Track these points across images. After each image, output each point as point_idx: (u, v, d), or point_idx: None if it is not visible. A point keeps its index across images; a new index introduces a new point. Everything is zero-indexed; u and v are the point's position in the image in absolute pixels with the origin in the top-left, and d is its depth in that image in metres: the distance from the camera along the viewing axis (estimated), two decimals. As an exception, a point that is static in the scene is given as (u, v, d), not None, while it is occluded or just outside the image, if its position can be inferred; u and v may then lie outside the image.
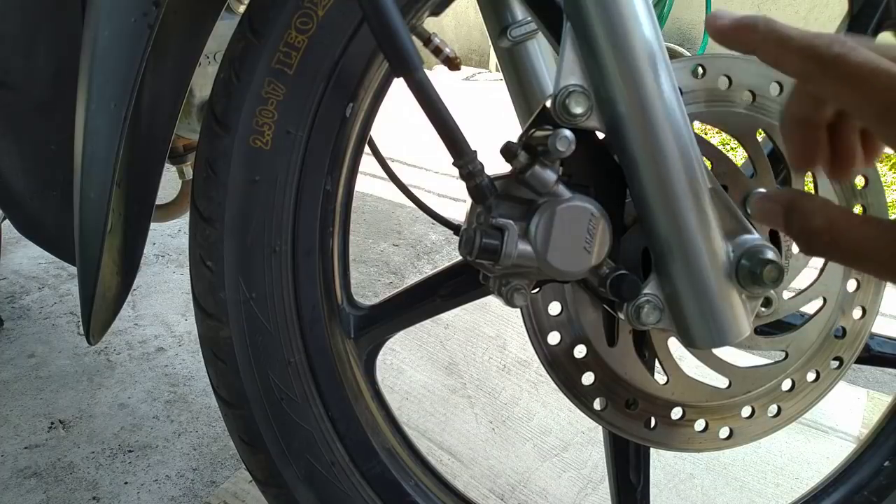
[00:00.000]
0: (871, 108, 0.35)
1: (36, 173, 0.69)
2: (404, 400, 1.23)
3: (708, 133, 2.58)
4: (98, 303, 0.59)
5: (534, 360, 1.34)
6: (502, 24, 0.82)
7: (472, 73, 4.31)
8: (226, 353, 0.61)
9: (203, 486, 1.02)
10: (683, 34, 3.91)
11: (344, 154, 0.61)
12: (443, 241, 1.89)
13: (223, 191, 0.58)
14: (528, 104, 0.85)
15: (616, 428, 0.62)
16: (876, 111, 0.34)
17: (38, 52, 0.63)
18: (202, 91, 0.88)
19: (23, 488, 1.00)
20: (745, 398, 0.63)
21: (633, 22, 0.47)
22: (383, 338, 0.69)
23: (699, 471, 1.11)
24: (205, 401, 1.20)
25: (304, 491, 0.64)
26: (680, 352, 0.59)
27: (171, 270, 1.64)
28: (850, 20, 0.64)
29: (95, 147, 0.53)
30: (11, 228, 0.77)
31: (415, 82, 0.47)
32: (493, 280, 0.52)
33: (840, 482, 0.75)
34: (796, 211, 0.39)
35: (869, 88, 0.34)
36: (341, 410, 0.64)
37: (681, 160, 0.48)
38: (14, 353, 1.29)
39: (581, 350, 0.60)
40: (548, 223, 0.49)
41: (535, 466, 1.10)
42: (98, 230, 0.55)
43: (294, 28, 0.55)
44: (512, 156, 0.49)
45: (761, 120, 0.57)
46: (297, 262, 0.60)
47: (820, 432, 1.21)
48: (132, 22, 0.50)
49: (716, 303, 0.50)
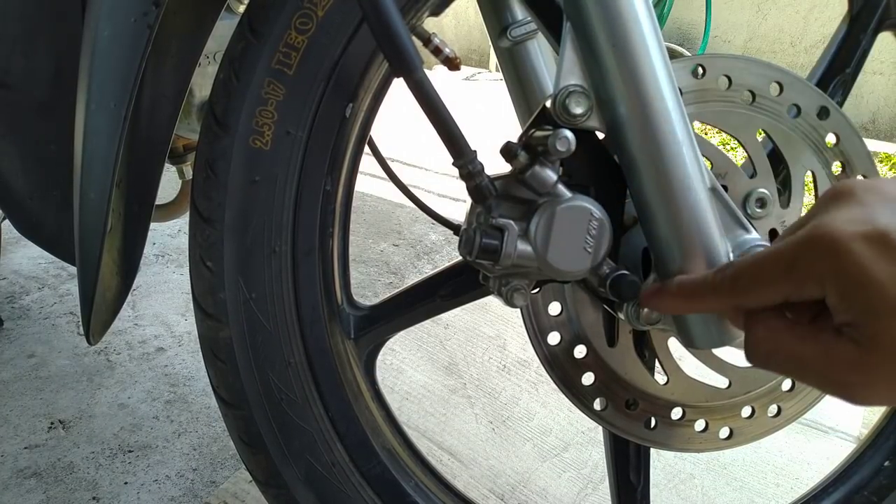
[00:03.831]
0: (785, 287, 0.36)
1: (36, 173, 0.69)
2: (404, 400, 1.23)
3: (708, 133, 2.58)
4: (98, 303, 0.59)
5: (534, 361, 1.34)
6: (502, 24, 0.82)
7: (472, 73, 4.31)
8: (226, 353, 0.61)
9: (203, 486, 1.02)
10: (683, 34, 3.91)
11: (344, 154, 0.61)
12: (443, 241, 1.89)
13: (223, 191, 0.58)
14: (528, 104, 0.85)
15: (616, 428, 0.62)
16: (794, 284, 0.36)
17: (38, 52, 0.63)
18: (202, 91, 0.88)
19: (23, 488, 0.99)
20: (745, 398, 0.63)
21: (633, 22, 0.47)
22: (383, 338, 0.69)
23: (699, 471, 1.11)
24: (205, 401, 1.20)
25: (303, 491, 0.64)
26: (680, 352, 0.59)
27: (171, 270, 1.64)
28: (850, 20, 0.64)
29: (95, 147, 0.53)
30: (11, 228, 0.77)
31: (415, 82, 0.47)
32: (493, 280, 0.52)
33: (840, 482, 0.74)
34: (749, 331, 0.39)
35: (770, 276, 0.37)
36: (341, 411, 0.64)
37: (681, 160, 0.48)
38: (14, 353, 1.29)
39: (581, 350, 0.60)
40: (548, 223, 0.49)
41: (535, 466, 1.10)
42: (98, 230, 0.55)
43: (294, 28, 0.55)
44: (512, 156, 0.49)
45: (761, 120, 0.57)
46: (297, 262, 0.60)
47: (820, 432, 1.21)
48: (132, 22, 0.50)
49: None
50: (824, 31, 3.50)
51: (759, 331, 0.38)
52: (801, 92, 0.57)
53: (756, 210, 0.56)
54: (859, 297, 0.32)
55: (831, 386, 0.35)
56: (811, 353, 0.36)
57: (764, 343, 0.38)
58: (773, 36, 3.67)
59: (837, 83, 0.66)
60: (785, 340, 0.37)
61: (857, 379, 0.34)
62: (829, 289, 0.34)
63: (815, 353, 0.35)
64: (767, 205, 0.56)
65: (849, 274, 0.33)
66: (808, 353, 0.36)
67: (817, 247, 0.34)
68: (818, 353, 0.35)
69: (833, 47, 0.66)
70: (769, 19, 3.65)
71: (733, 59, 0.56)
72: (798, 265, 0.35)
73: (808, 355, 0.36)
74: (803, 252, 0.35)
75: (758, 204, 0.56)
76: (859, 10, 0.63)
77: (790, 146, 0.58)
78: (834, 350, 0.34)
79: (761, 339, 0.38)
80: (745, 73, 0.56)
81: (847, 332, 0.34)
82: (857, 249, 0.32)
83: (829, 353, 0.35)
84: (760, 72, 0.56)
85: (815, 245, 0.34)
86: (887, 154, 3.08)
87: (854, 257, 0.32)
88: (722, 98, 0.56)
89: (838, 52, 0.66)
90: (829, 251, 0.33)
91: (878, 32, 0.65)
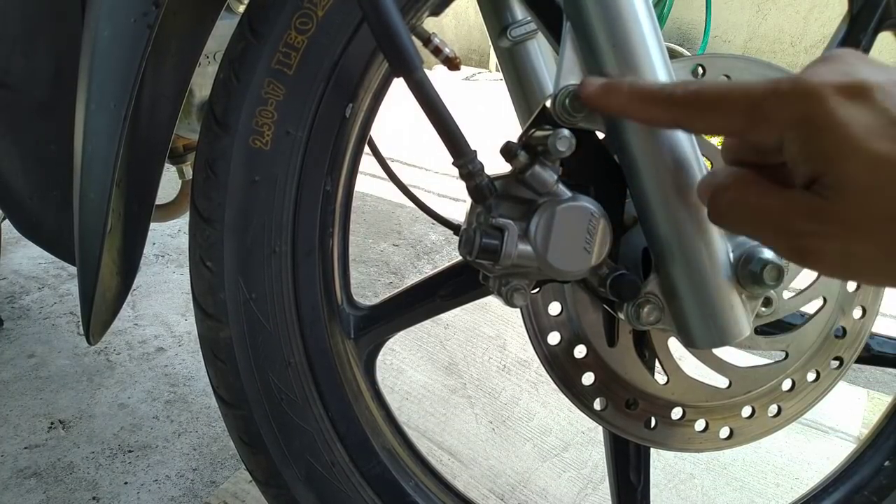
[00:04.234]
0: (741, 125, 0.35)
1: (36, 173, 0.69)
2: (404, 400, 1.23)
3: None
4: (98, 303, 0.59)
5: (534, 360, 1.34)
6: (502, 23, 0.82)
7: (472, 73, 4.31)
8: (226, 353, 0.61)
9: (203, 486, 1.02)
10: (683, 34, 3.91)
11: (344, 154, 0.61)
12: (443, 241, 1.89)
13: (223, 191, 0.58)
14: (528, 104, 0.85)
15: (616, 428, 0.62)
16: (744, 126, 0.35)
17: (38, 52, 0.63)
18: (202, 91, 0.88)
19: (23, 488, 0.99)
20: (745, 398, 0.63)
21: (633, 22, 0.47)
22: (383, 338, 0.69)
23: (699, 471, 1.11)
24: (205, 401, 1.20)
25: (304, 491, 0.64)
26: (680, 352, 0.59)
27: (171, 270, 1.64)
28: (850, 20, 0.64)
29: (95, 147, 0.53)
30: (11, 228, 0.77)
31: (415, 82, 0.47)
32: (493, 280, 0.52)
33: (840, 482, 0.74)
34: (715, 191, 0.39)
35: (731, 105, 0.36)
36: (341, 411, 0.64)
37: (680, 160, 0.48)
38: (14, 353, 1.29)
39: (581, 350, 0.60)
40: (548, 223, 0.49)
41: (535, 466, 1.10)
42: (98, 230, 0.55)
43: (294, 28, 0.55)
44: (512, 156, 0.49)
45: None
46: (297, 262, 0.60)
47: (820, 432, 1.21)
48: (132, 22, 0.50)
49: (716, 303, 0.50)
50: (824, 31, 3.50)
51: (726, 179, 0.38)
52: (801, 92, 0.57)
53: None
54: (822, 142, 0.32)
55: (786, 238, 0.35)
56: (772, 205, 0.35)
57: (728, 192, 0.38)
58: (773, 36, 3.67)
59: (837, 83, 0.66)
60: (749, 192, 0.37)
61: (814, 228, 0.33)
62: (790, 137, 0.33)
63: (776, 204, 0.35)
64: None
65: (814, 118, 0.32)
66: (770, 205, 0.35)
67: (789, 91, 0.33)
68: (780, 204, 0.35)
69: (833, 47, 0.66)
70: (769, 19, 3.65)
71: (733, 59, 0.56)
72: (765, 105, 0.34)
73: (768, 207, 0.35)
74: (773, 94, 0.34)
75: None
76: (859, 10, 0.63)
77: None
78: (796, 201, 0.34)
79: (726, 187, 0.38)
80: (745, 73, 0.56)
81: (812, 189, 0.33)
82: (828, 95, 0.32)
83: (790, 204, 0.34)
84: (760, 72, 0.56)
85: (787, 90, 0.34)
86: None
87: (824, 102, 0.32)
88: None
89: (838, 52, 0.66)
90: (801, 96, 0.33)
91: (878, 32, 0.65)
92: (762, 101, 0.34)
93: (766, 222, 0.36)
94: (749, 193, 0.37)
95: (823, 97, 0.32)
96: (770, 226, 0.36)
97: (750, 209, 0.37)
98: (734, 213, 0.38)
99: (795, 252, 0.35)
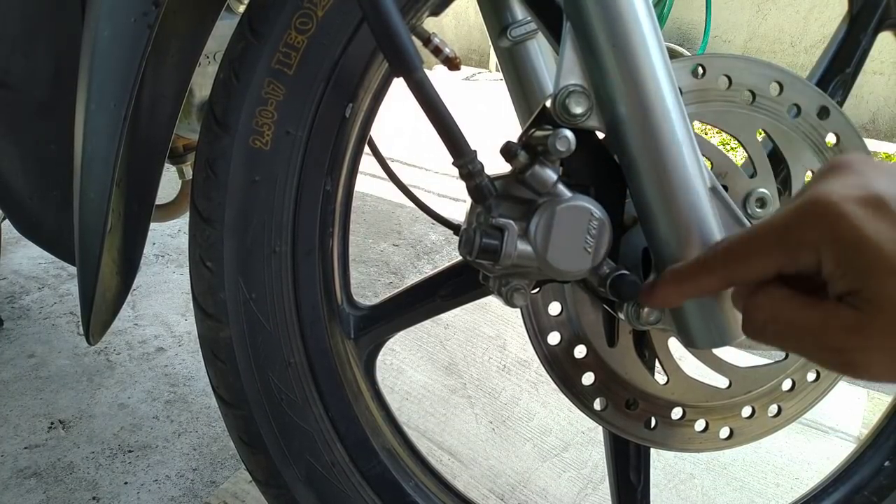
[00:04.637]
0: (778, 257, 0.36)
1: (36, 173, 0.69)
2: (404, 400, 1.23)
3: (708, 133, 2.58)
4: (98, 303, 0.59)
5: (534, 360, 1.34)
6: (502, 23, 0.82)
7: (472, 73, 4.31)
8: (226, 353, 0.61)
9: (203, 486, 1.02)
10: (683, 34, 3.91)
11: (344, 154, 0.61)
12: (443, 241, 1.89)
13: (223, 191, 0.58)
14: (528, 104, 0.85)
15: (616, 428, 0.62)
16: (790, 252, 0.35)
17: (38, 52, 0.63)
18: (202, 91, 0.88)
19: (23, 488, 0.99)
20: (745, 398, 0.63)
21: (633, 22, 0.47)
22: (383, 338, 0.69)
23: (699, 471, 1.11)
24: (205, 401, 1.20)
25: (304, 491, 0.64)
26: (680, 352, 0.59)
27: (171, 270, 1.64)
28: (850, 20, 0.64)
29: (95, 147, 0.53)
30: (11, 228, 0.77)
31: (415, 82, 0.47)
32: (493, 280, 0.52)
33: (840, 482, 0.74)
34: (747, 310, 0.39)
35: (762, 244, 0.37)
36: (341, 411, 0.64)
37: (681, 160, 0.48)
38: (14, 353, 1.29)
39: (581, 350, 0.60)
40: (548, 223, 0.49)
41: (535, 466, 1.10)
42: (98, 230, 0.54)
43: (294, 28, 0.55)
44: (512, 156, 0.49)
45: (761, 119, 0.57)
46: (297, 262, 0.60)
47: (820, 432, 1.21)
48: (132, 22, 0.50)
49: (716, 303, 0.50)
50: (824, 31, 3.50)
51: (758, 298, 0.38)
52: (802, 92, 0.57)
53: (756, 210, 0.56)
54: (856, 260, 0.32)
55: (830, 353, 0.35)
56: (809, 321, 0.35)
57: (762, 311, 0.37)
58: (773, 36, 3.67)
59: (837, 83, 0.66)
60: (784, 308, 0.36)
61: (857, 343, 0.33)
62: (824, 255, 0.33)
63: (813, 320, 0.35)
64: (767, 205, 0.56)
65: (845, 237, 0.32)
66: (807, 321, 0.35)
67: (811, 213, 0.34)
68: (817, 320, 0.35)
69: (833, 47, 0.66)
70: (769, 19, 3.65)
71: (733, 58, 0.56)
72: (792, 233, 0.35)
73: (806, 323, 0.35)
74: (797, 219, 0.34)
75: (758, 204, 0.56)
76: (859, 10, 0.63)
77: (790, 146, 0.58)
78: (833, 316, 0.34)
79: (759, 307, 0.38)
80: (745, 73, 0.56)
81: (846, 300, 0.33)
82: (852, 212, 0.32)
83: (827, 319, 0.34)
84: (760, 71, 0.56)
85: (809, 211, 0.34)
86: (887, 154, 3.08)
87: (850, 220, 0.32)
88: (722, 98, 0.56)
89: (838, 51, 0.66)
90: (824, 216, 0.33)
91: (878, 32, 0.65)
92: (789, 230, 0.35)
93: (805, 340, 0.36)
94: (784, 309, 0.36)
95: (846, 215, 0.32)
96: (810, 342, 0.35)
97: (788, 327, 0.36)
98: (772, 332, 0.38)
99: (843, 367, 0.35)
